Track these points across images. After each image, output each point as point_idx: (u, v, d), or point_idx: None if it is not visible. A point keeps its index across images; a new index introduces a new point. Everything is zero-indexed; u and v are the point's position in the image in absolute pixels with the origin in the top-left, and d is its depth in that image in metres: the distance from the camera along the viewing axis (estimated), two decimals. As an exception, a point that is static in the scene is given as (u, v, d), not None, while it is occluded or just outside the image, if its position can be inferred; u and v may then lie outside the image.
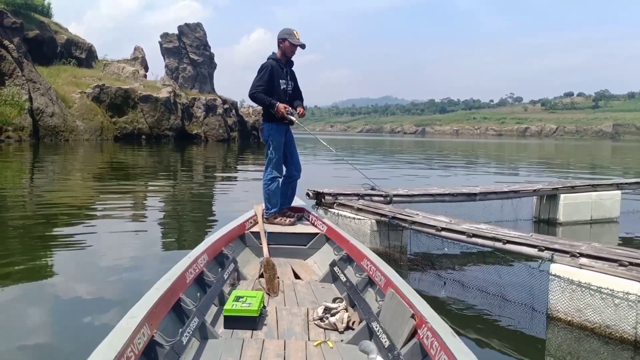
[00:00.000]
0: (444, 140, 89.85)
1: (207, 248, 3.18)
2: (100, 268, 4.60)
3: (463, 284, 4.22)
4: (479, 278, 4.20)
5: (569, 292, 3.40)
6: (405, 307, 2.27)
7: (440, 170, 18.03)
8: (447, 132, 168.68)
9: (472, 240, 4.07)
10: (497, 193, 6.81)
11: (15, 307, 3.61)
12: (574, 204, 7.43)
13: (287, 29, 4.29)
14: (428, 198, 6.29)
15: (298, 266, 3.86)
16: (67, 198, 8.84)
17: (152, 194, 10.31)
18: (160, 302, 2.20)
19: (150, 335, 2.00)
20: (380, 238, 5.03)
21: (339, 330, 2.62)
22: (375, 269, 2.94)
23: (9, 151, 18.55)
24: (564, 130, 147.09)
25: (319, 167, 17.61)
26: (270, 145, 4.40)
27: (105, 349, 1.71)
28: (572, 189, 7.55)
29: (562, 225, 7.30)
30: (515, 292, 3.89)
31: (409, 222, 4.67)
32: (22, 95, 23.82)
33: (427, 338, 2.03)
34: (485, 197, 6.68)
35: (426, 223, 4.51)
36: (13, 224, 6.41)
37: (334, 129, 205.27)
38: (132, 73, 34.00)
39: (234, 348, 2.37)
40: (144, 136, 30.46)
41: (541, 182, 8.36)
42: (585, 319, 3.34)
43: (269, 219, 4.34)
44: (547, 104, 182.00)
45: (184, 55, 39.83)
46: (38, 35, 29.14)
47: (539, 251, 3.63)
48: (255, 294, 2.81)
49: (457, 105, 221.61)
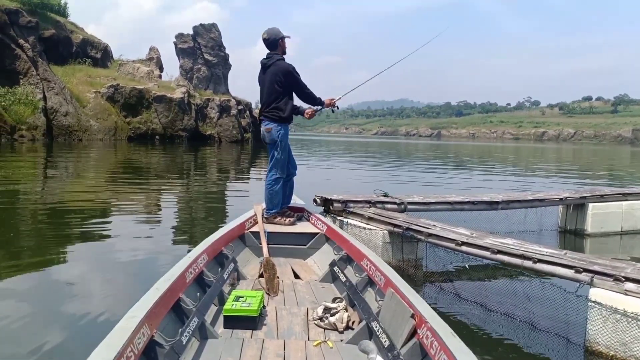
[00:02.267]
0: (460, 143, 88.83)
1: (207, 248, 3.19)
2: (111, 265, 4.66)
3: (485, 307, 3.75)
4: (505, 302, 3.71)
5: (612, 323, 2.93)
6: (405, 306, 2.27)
7: (456, 175, 17.46)
8: (463, 135, 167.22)
9: (497, 257, 3.60)
10: (521, 202, 6.31)
11: (22, 300, 3.64)
12: (603, 214, 6.90)
13: (274, 29, 4.41)
14: (446, 206, 5.81)
15: (298, 266, 3.85)
16: (79, 196, 8.90)
17: (165, 193, 10.17)
18: (160, 302, 2.20)
19: (150, 335, 2.00)
20: (393, 251, 4.58)
21: (338, 330, 2.61)
22: (375, 268, 2.93)
23: (22, 150, 18.45)
24: (582, 134, 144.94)
25: (328, 170, 17.05)
26: (278, 146, 4.42)
27: (105, 349, 1.70)
28: (601, 198, 7.01)
29: (590, 236, 6.78)
30: (547, 320, 3.40)
31: (425, 235, 4.21)
32: (36, 94, 23.79)
33: (427, 338, 2.03)
34: (507, 205, 6.18)
35: (444, 236, 4.04)
36: (24, 220, 6.56)
37: (349, 131, 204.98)
38: (147, 73, 33.89)
39: (234, 348, 2.37)
40: (158, 137, 30.29)
41: (567, 190, 7.83)
42: (631, 354, 2.86)
43: (268, 218, 4.35)
44: (565, 108, 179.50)
45: (198, 56, 39.71)
46: (54, 34, 29.14)
47: (576, 273, 3.16)
48: (255, 294, 2.80)
49: (473, 109, 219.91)
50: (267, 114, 4.42)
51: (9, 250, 5.05)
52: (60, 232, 6.05)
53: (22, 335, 3.06)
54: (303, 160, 22.08)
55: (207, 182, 12.64)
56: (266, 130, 4.45)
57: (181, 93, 31.88)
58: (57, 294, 3.85)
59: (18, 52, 23.56)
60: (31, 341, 2.93)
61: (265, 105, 4.44)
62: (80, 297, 3.78)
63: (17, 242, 5.42)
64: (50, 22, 29.69)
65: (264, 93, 4.42)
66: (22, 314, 3.36)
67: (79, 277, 4.31)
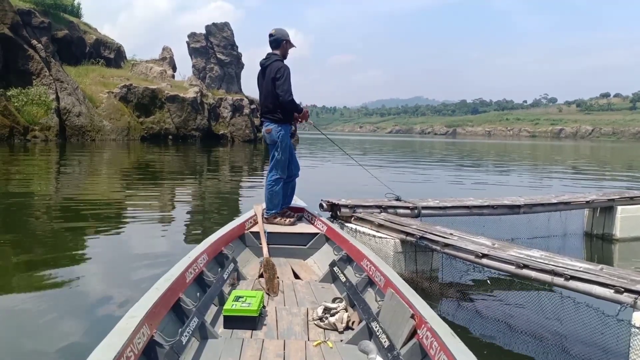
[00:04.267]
0: (475, 141, 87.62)
1: (207, 248, 3.18)
2: (122, 263, 4.67)
3: (510, 326, 3.35)
4: (533, 321, 3.30)
5: (661, 353, 2.52)
6: (405, 307, 2.26)
7: (473, 175, 16.93)
8: (479, 133, 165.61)
9: (523, 272, 3.20)
10: (545, 205, 5.87)
11: (35, 298, 3.62)
12: (634, 218, 6.44)
13: (283, 30, 4.38)
14: (463, 211, 5.39)
15: (298, 266, 3.83)
16: (92, 196, 8.92)
17: (178, 193, 10.07)
18: (159, 302, 2.19)
19: (150, 335, 1.99)
20: (405, 261, 4.19)
21: (338, 330, 2.60)
22: (375, 269, 2.92)
23: (35, 151, 18.38)
24: (600, 131, 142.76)
25: (336, 172, 16.54)
26: (278, 147, 4.40)
27: (105, 349, 1.70)
28: (630, 200, 6.54)
29: (619, 241, 6.33)
30: (582, 345, 2.97)
31: (441, 245, 3.81)
32: (49, 94, 23.76)
33: (427, 338, 2.02)
34: (530, 209, 5.75)
35: (463, 247, 3.64)
36: (38, 219, 6.63)
37: (363, 130, 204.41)
38: (160, 73, 33.83)
39: (234, 348, 2.36)
40: (171, 136, 30.18)
41: (592, 192, 7.35)
42: (684, 390, 2.45)
43: (268, 219, 4.35)
44: (583, 105, 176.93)
45: (211, 55, 39.55)
46: (67, 35, 29.21)
47: (616, 293, 2.74)
48: (254, 294, 2.78)
49: (489, 106, 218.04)
50: (267, 115, 4.43)
51: (23, 247, 5.13)
52: (74, 231, 6.04)
53: (25, 333, 3.07)
54: (314, 160, 21.74)
55: (221, 182, 12.51)
56: (266, 131, 4.46)
57: (194, 93, 31.73)
58: (69, 291, 3.86)
59: (31, 52, 23.56)
60: (36, 338, 2.95)
61: (264, 107, 4.44)
62: (93, 294, 3.79)
63: (30, 240, 5.47)
64: (63, 22, 29.77)
65: (263, 94, 4.43)
66: (32, 311, 3.37)
67: (91, 273, 4.34)
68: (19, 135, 21.60)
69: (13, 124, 21.41)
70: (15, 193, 8.60)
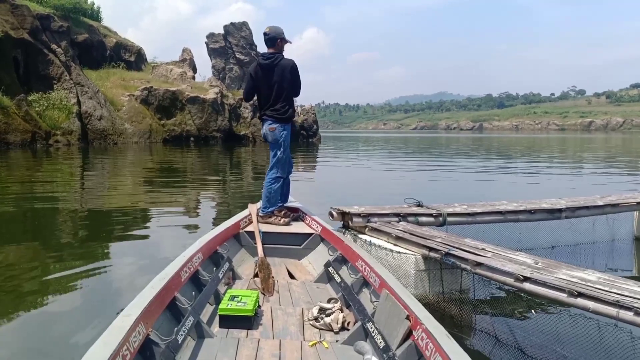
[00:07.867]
0: (503, 135, 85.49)
1: (202, 247, 3.17)
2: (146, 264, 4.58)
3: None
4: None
5: None
6: (400, 308, 2.25)
7: (503, 174, 16.04)
8: (506, 127, 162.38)
9: (578, 302, 2.54)
10: (589, 208, 5.13)
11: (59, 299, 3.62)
12: (691, 220, 5.65)
13: (278, 27, 4.38)
14: (496, 217, 4.71)
15: (292, 266, 3.82)
16: (117, 198, 8.90)
17: (203, 194, 9.83)
18: (155, 300, 2.17)
19: (146, 333, 1.98)
20: (430, 281, 3.54)
21: (334, 331, 2.58)
22: (369, 269, 2.92)
23: (57, 155, 18.28)
24: (632, 123, 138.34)
25: (347, 176, 15.59)
26: (281, 146, 4.43)
27: (100, 347, 1.69)
28: (687, 200, 5.74)
29: (675, 247, 5.55)
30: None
31: (472, 264, 3.15)
32: (70, 99, 23.80)
33: (422, 339, 2.01)
34: (573, 213, 5.02)
35: (499, 268, 2.98)
36: (63, 221, 6.70)
37: (387, 127, 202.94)
38: (180, 75, 33.71)
39: (230, 347, 2.35)
40: (192, 138, 30.00)
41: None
42: None
43: (263, 217, 4.34)
44: (613, 97, 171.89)
45: (230, 56, 39.32)
46: (87, 39, 29.29)
47: None
48: (250, 294, 2.76)
49: (516, 100, 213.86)
50: (271, 114, 4.40)
51: (48, 249, 5.14)
52: (100, 237, 5.98)
53: (26, 332, 3.07)
54: (340, 160, 21.15)
55: (244, 182, 12.25)
56: (270, 130, 4.43)
57: (214, 93, 31.48)
58: (96, 292, 3.83)
59: (51, 57, 23.59)
60: (39, 338, 2.94)
61: (270, 105, 4.40)
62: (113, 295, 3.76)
63: (56, 242, 5.49)
64: (83, 26, 29.87)
65: (268, 93, 4.38)
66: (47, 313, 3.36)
67: (116, 278, 4.28)
68: (41, 140, 21.65)
69: (35, 129, 21.45)
70: (38, 197, 8.52)
